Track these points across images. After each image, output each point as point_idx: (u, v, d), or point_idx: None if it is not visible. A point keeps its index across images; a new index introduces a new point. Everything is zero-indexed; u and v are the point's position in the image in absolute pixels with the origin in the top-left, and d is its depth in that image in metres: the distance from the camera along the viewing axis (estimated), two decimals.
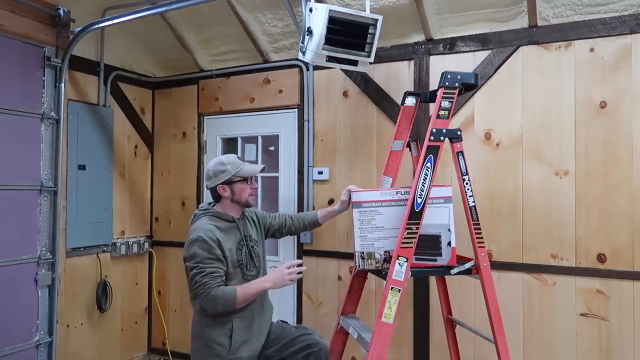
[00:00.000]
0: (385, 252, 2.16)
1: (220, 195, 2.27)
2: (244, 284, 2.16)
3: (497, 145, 2.76)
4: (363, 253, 2.17)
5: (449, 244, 2.15)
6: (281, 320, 2.48)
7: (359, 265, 2.19)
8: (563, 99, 2.62)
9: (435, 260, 2.16)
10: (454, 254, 2.15)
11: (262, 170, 2.38)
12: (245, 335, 2.20)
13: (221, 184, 2.24)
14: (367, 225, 2.16)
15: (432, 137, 2.06)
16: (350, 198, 2.26)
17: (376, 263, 2.17)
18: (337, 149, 3.22)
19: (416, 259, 2.14)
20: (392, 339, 2.07)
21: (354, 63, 2.56)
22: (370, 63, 2.61)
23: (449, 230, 2.12)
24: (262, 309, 2.32)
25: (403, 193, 2.15)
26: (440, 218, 2.16)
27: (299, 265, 2.21)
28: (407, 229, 2.02)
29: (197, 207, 2.41)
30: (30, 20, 2.95)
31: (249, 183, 2.30)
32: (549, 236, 2.63)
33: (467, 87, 2.16)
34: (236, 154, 3.58)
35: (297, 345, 2.27)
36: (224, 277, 2.15)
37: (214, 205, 2.33)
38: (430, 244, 2.15)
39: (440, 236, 2.15)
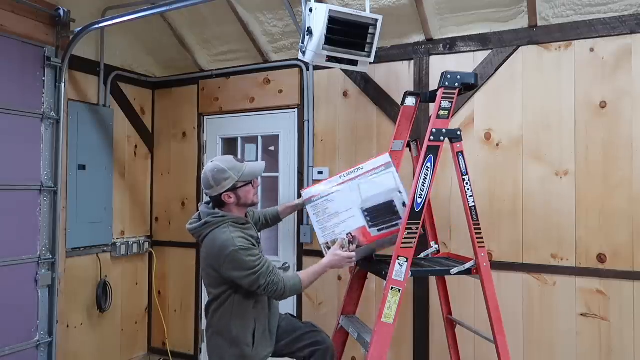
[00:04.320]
0: (348, 234, 2.19)
1: (225, 202, 2.16)
2: (305, 270, 2.21)
3: (497, 145, 2.76)
4: (327, 243, 2.22)
5: (404, 204, 2.17)
6: (289, 314, 2.48)
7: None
8: (563, 99, 2.62)
9: (397, 225, 2.18)
10: None
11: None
12: (263, 334, 2.21)
13: (226, 191, 2.13)
14: (323, 216, 2.24)
15: (432, 137, 2.07)
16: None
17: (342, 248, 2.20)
18: (337, 149, 3.22)
19: (378, 230, 2.17)
20: (392, 339, 2.07)
21: (354, 63, 2.56)
22: (370, 63, 2.61)
23: (400, 192, 2.14)
24: (272, 310, 2.32)
25: (346, 175, 2.25)
26: (386, 184, 2.19)
27: (350, 241, 2.19)
28: (407, 229, 2.02)
29: (198, 208, 2.32)
30: (30, 20, 2.96)
31: (253, 184, 2.22)
32: (549, 236, 2.63)
33: (467, 87, 2.16)
34: (235, 154, 3.61)
35: (305, 341, 2.29)
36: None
37: (214, 208, 2.22)
38: (385, 211, 2.19)
39: (393, 200, 2.18)
